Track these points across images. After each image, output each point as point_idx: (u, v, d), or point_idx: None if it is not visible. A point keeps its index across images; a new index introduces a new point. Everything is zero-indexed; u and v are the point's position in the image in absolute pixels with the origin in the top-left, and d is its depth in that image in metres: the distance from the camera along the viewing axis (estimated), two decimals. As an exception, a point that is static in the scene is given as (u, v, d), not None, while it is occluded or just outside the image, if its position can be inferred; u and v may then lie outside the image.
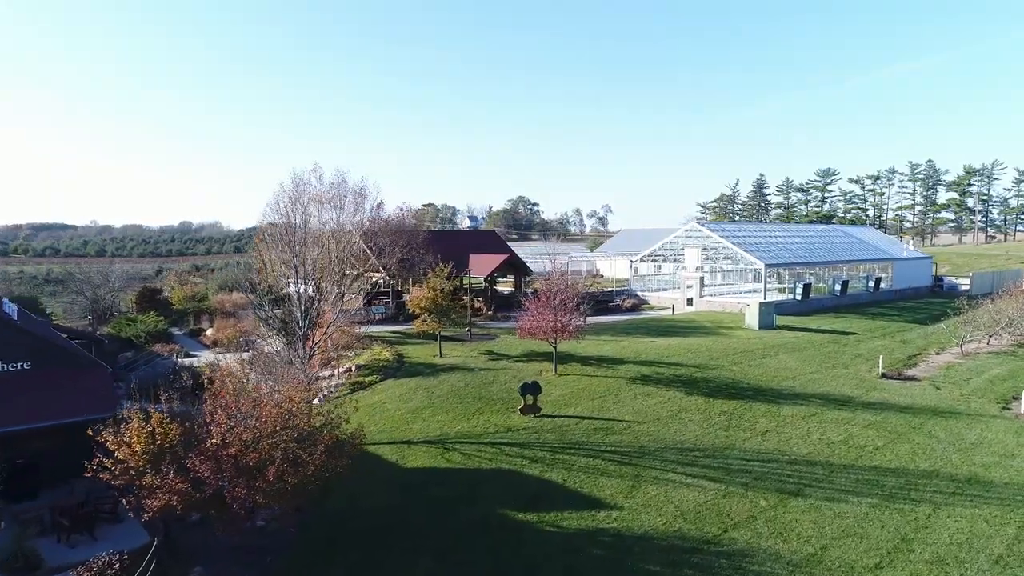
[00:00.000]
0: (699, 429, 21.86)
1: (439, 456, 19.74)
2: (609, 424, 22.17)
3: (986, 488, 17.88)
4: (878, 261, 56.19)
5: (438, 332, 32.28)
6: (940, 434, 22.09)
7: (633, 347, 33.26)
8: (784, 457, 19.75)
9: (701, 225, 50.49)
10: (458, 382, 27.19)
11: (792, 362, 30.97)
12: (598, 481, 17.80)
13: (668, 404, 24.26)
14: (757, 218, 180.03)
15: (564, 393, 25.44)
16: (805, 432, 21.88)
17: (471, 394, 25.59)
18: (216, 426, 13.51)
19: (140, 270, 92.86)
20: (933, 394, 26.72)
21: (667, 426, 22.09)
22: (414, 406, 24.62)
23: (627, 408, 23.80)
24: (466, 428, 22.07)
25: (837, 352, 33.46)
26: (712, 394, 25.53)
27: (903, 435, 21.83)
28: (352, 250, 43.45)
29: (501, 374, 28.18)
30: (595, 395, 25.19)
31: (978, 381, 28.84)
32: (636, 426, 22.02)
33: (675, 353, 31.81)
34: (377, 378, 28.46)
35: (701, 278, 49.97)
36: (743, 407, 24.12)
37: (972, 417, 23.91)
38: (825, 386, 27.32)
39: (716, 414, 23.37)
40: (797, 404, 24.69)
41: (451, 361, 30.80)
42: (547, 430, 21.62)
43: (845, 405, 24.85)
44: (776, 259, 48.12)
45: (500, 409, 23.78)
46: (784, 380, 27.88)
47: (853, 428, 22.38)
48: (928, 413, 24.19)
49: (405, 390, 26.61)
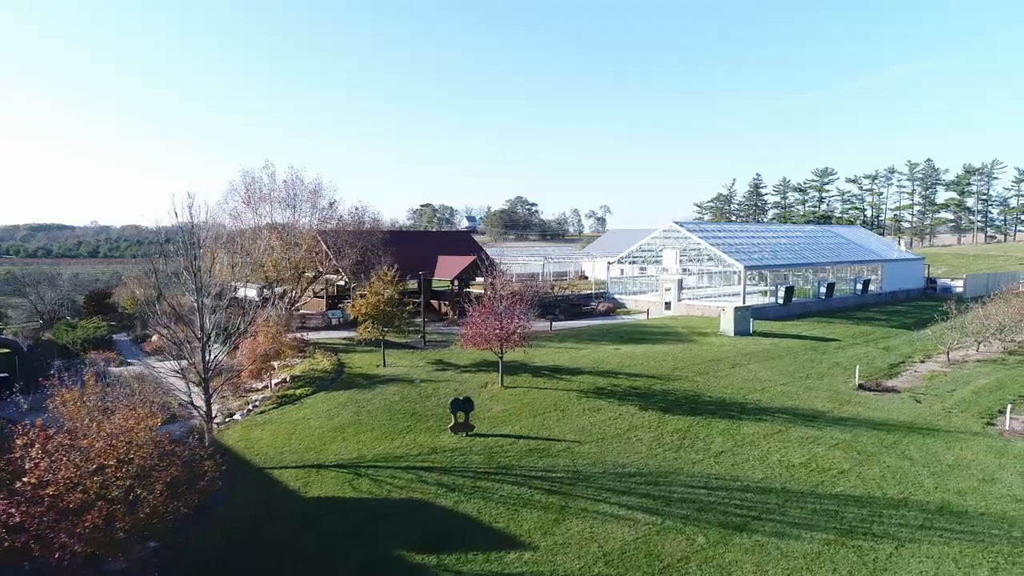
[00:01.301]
0: (646, 450, 19.98)
1: (347, 483, 17.81)
2: (547, 445, 20.27)
3: (959, 520, 16.02)
4: (867, 263, 54.46)
5: (382, 340, 30.34)
6: (914, 454, 20.24)
7: (594, 355, 31.39)
8: (735, 483, 17.86)
9: (679, 225, 48.68)
10: (394, 396, 25.28)
11: (763, 372, 29.12)
12: (518, 514, 15.89)
13: (618, 421, 22.38)
14: (754, 218, 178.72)
15: (506, 408, 23.55)
16: (764, 453, 20.01)
17: (404, 410, 23.68)
18: (31, 461, 11.58)
19: (103, 272, 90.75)
20: (912, 408, 24.90)
21: (611, 446, 20.20)
22: (339, 423, 22.69)
23: (571, 426, 21.91)
24: (387, 449, 20.16)
25: (814, 361, 31.64)
26: (669, 409, 23.66)
27: (873, 456, 19.97)
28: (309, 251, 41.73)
29: (443, 387, 26.28)
30: (539, 410, 23.30)
31: (962, 393, 27.02)
32: (577, 447, 20.12)
33: (638, 362, 29.94)
34: (308, 390, 26.53)
35: (680, 281, 48.15)
36: (700, 424, 22.25)
37: (952, 434, 22.08)
38: (795, 399, 25.47)
39: (669, 432, 21.49)
40: (761, 420, 22.83)
41: (394, 372, 28.89)
42: (476, 452, 19.72)
43: (814, 421, 23.00)
44: (757, 261, 46.32)
45: (431, 427, 21.88)
46: (751, 393, 26.03)
47: (818, 448, 20.52)
48: (904, 430, 22.36)
49: (334, 404, 24.69)
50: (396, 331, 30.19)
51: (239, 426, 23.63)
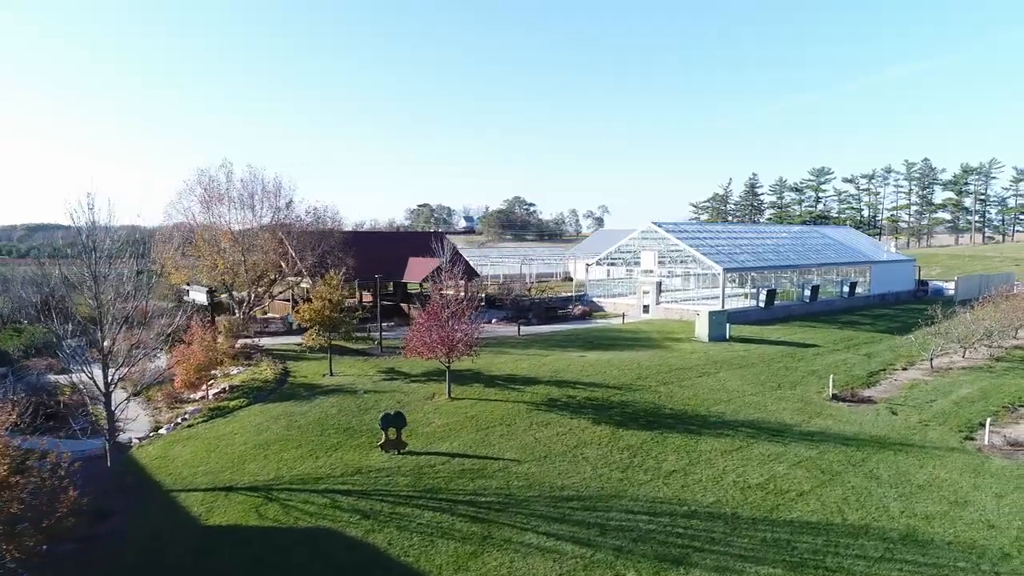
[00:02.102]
0: (591, 470, 18.56)
1: (254, 509, 16.36)
2: (483, 464, 18.84)
3: (923, 550, 14.65)
4: (854, 264, 53.17)
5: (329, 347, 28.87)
6: (883, 473, 18.87)
7: (556, 364, 29.97)
8: (682, 508, 16.46)
9: (657, 226, 47.29)
10: (331, 408, 23.84)
11: (733, 381, 27.74)
12: (433, 546, 14.46)
13: (566, 437, 20.97)
14: (750, 218, 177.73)
15: (447, 423, 22.13)
16: (719, 473, 18.61)
17: (338, 424, 22.24)
18: None
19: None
20: (887, 420, 23.54)
21: (553, 466, 18.79)
22: (266, 439, 21.24)
23: (515, 442, 20.49)
24: (308, 470, 18.71)
25: (789, 369, 30.27)
26: (624, 423, 22.25)
27: (837, 475, 18.60)
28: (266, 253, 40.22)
29: (386, 398, 24.84)
30: (483, 425, 21.88)
31: (942, 404, 25.68)
32: (515, 466, 18.70)
33: (601, 371, 28.53)
34: (244, 402, 25.08)
35: (658, 283, 46.77)
36: (655, 440, 20.85)
37: (926, 450, 20.72)
38: (762, 411, 24.10)
39: (619, 449, 20.08)
40: (721, 435, 21.43)
41: (339, 381, 27.44)
42: (404, 472, 18.28)
43: (778, 436, 21.61)
44: (738, 263, 44.95)
45: (362, 444, 20.44)
46: (715, 404, 24.64)
47: (779, 466, 19.14)
48: (875, 445, 20.99)
49: (266, 418, 23.23)
50: (344, 338, 28.75)
51: (162, 441, 22.18)
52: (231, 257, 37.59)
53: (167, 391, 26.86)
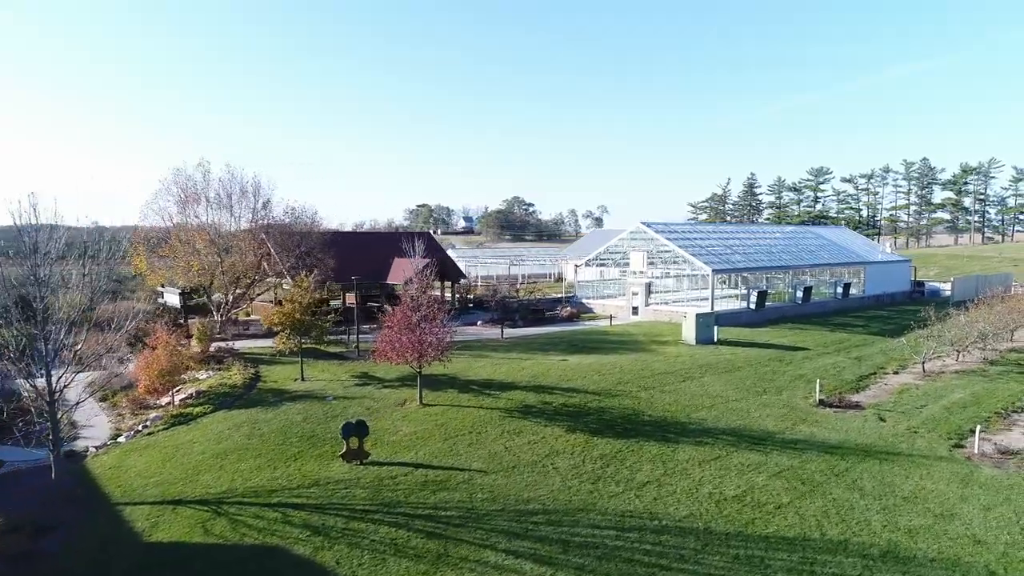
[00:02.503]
0: (560, 481, 17.82)
1: (200, 524, 15.60)
2: (447, 475, 18.09)
3: (904, 568, 13.92)
4: (848, 265, 52.47)
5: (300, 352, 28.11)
6: (867, 484, 18.15)
7: (536, 368, 29.22)
8: (652, 523, 15.72)
9: (647, 226, 46.58)
10: (297, 416, 23.08)
11: (717, 386, 27.01)
12: (383, 564, 13.71)
13: (537, 445, 20.23)
14: (748, 218, 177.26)
15: (415, 431, 21.37)
16: (695, 484, 17.88)
17: (302, 432, 21.48)
18: None
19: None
20: (874, 427, 22.82)
21: (521, 477, 18.04)
22: (225, 448, 20.48)
23: (483, 451, 19.74)
24: (264, 481, 17.95)
25: (776, 372, 29.55)
26: (600, 430, 21.52)
27: (819, 487, 17.87)
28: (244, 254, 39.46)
29: (355, 405, 24.09)
30: (452, 434, 21.13)
31: (932, 409, 24.97)
32: (480, 478, 17.96)
33: (581, 375, 27.79)
34: (208, 408, 24.31)
35: (647, 284, 46.05)
36: (630, 448, 20.11)
37: (913, 459, 20.01)
38: (745, 418, 23.37)
39: (592, 458, 19.35)
40: (701, 443, 20.70)
41: (310, 387, 26.69)
42: (363, 484, 17.53)
43: (760, 444, 20.89)
44: (727, 263, 44.24)
45: (324, 454, 19.68)
46: (697, 410, 23.92)
47: (759, 477, 18.41)
48: (860, 454, 20.27)
49: (229, 426, 22.47)
50: (316, 341, 28.00)
51: (119, 450, 21.40)
52: (206, 258, 36.81)
53: (132, 397, 26.12)
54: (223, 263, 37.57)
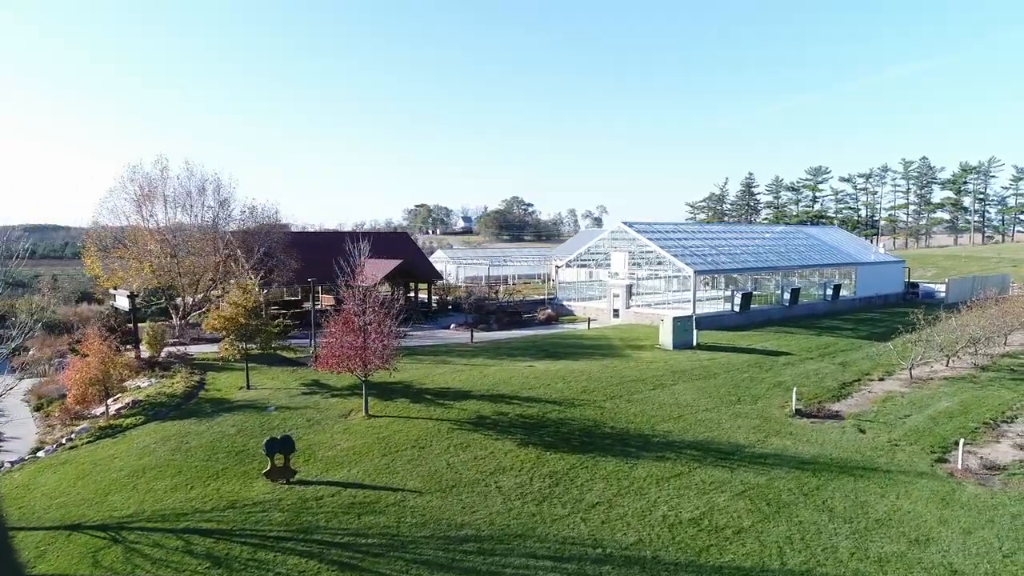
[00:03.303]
0: (502, 503, 16.43)
1: (93, 554, 14.18)
2: (377, 496, 16.69)
3: (870, 605, 12.57)
4: (838, 266, 51.13)
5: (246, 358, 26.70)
6: (838, 504, 16.80)
7: (500, 375, 27.82)
8: (596, 551, 14.34)
9: (628, 226, 45.19)
10: (231, 428, 21.66)
11: (688, 395, 25.64)
12: (283, 603, 12.32)
13: (483, 461, 18.83)
14: (746, 218, 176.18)
15: (354, 445, 19.97)
16: (650, 505, 16.50)
17: (231, 447, 20.07)
18: None
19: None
20: (852, 440, 21.47)
21: (459, 498, 16.65)
22: (145, 464, 19.07)
23: (423, 469, 18.34)
24: (176, 503, 16.53)
25: (754, 379, 28.18)
26: (555, 444, 20.13)
27: (785, 508, 16.50)
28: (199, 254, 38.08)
29: (297, 416, 22.67)
30: (394, 448, 19.73)
31: (917, 419, 23.64)
32: (414, 499, 16.56)
33: (545, 383, 26.40)
34: (140, 419, 22.92)
35: (629, 286, 44.67)
36: (584, 464, 18.73)
37: (891, 476, 18.66)
38: (714, 430, 22.00)
39: (541, 476, 17.96)
40: (662, 458, 19.32)
41: (254, 396, 25.26)
42: (283, 507, 16.12)
43: (727, 459, 19.52)
44: (711, 265, 42.86)
45: (250, 471, 18.27)
46: (663, 421, 22.54)
47: (720, 497, 17.03)
48: (834, 470, 18.92)
49: (157, 439, 21.05)
50: (262, 348, 26.59)
51: (35, 466, 19.99)
52: (159, 260, 35.38)
53: (64, 406, 24.72)
54: (180, 264, 36.16)
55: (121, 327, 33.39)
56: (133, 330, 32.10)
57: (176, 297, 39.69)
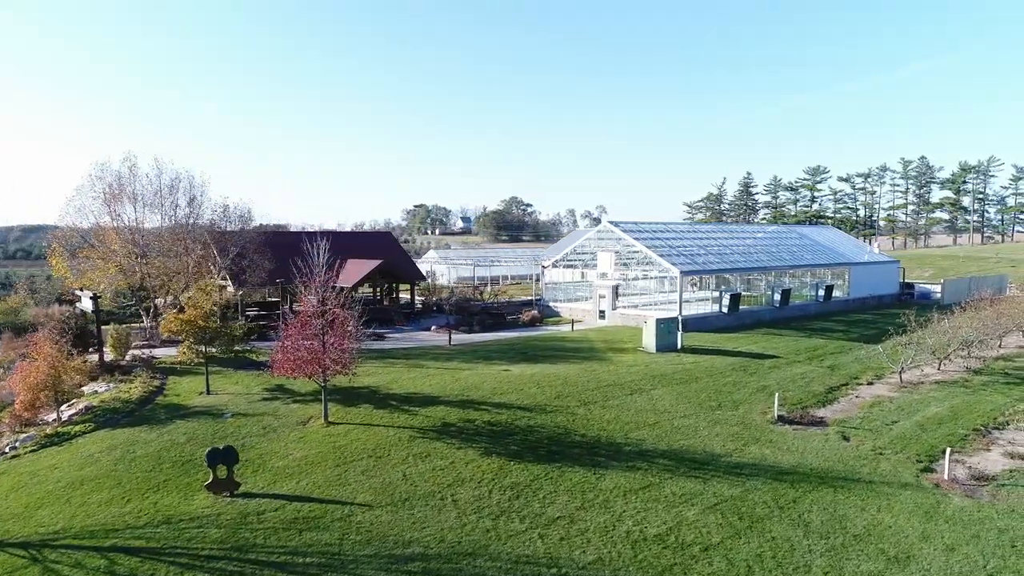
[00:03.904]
0: (455, 518, 15.51)
1: (9, 575, 13.27)
2: (323, 511, 15.78)
3: (841, 631, 11.69)
4: (831, 266, 50.26)
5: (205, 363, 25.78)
6: (815, 518, 15.93)
7: (471, 379, 26.91)
8: (551, 571, 13.43)
9: (614, 225, 44.33)
10: (182, 436, 20.74)
11: (666, 400, 24.75)
12: (202, 631, 11.41)
13: (442, 472, 17.92)
14: (745, 218, 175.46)
15: (307, 455, 19.05)
16: (614, 519, 15.60)
17: (178, 457, 19.14)
18: None
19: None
20: (835, 448, 20.60)
21: (411, 512, 15.74)
22: (85, 475, 18.14)
23: (377, 481, 17.43)
24: (109, 518, 15.60)
25: (737, 384, 27.30)
26: (520, 454, 19.23)
27: (758, 523, 15.62)
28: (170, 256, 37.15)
29: (253, 423, 21.75)
30: (350, 458, 18.82)
31: (904, 426, 22.78)
32: (362, 513, 15.65)
33: (518, 388, 25.49)
34: (89, 427, 21.99)
35: (615, 287, 43.78)
36: (549, 475, 17.83)
37: (873, 487, 17.80)
38: (690, 438, 21.11)
39: (502, 488, 17.06)
40: (632, 469, 18.43)
41: (213, 401, 24.33)
42: (222, 522, 15.19)
43: (701, 469, 18.63)
44: (698, 265, 41.98)
45: (193, 483, 17.35)
46: (637, 429, 21.65)
47: (691, 511, 16.14)
48: (813, 481, 18.05)
49: (103, 447, 20.13)
50: (222, 351, 25.67)
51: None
52: (124, 260, 34.44)
53: (14, 413, 23.78)
54: (148, 264, 35.24)
55: (83, 329, 32.46)
56: (97, 332, 31.14)
57: (148, 299, 38.75)
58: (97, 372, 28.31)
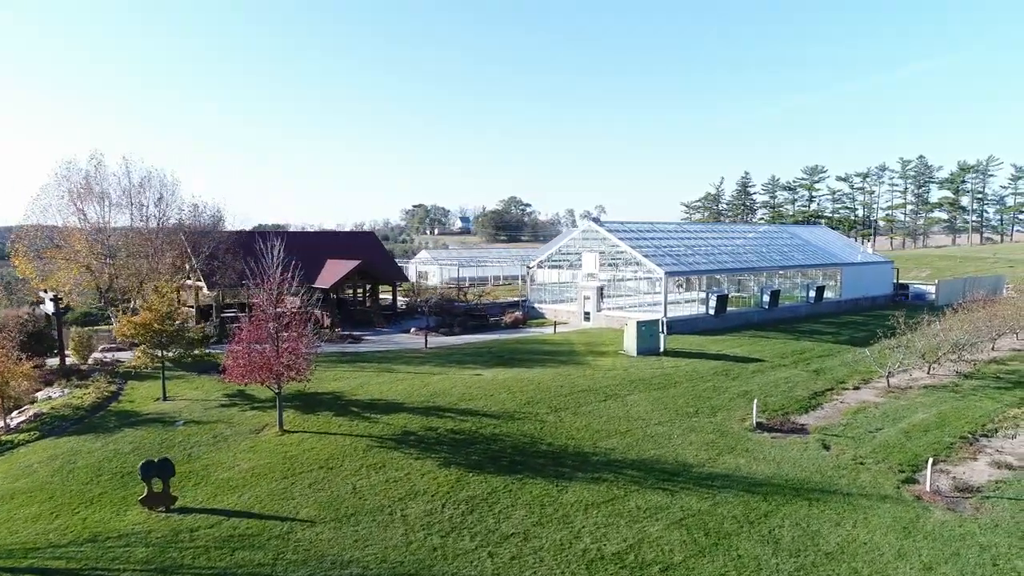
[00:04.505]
0: (402, 535, 14.66)
1: (-90, 600, 12.44)
2: (262, 527, 14.91)
3: (803, 662, 10.85)
4: (822, 266, 49.46)
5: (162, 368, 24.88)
6: (786, 534, 15.10)
7: (441, 384, 26.05)
8: (495, 594, 12.60)
9: (599, 225, 43.52)
10: (126, 446, 19.86)
11: (641, 406, 23.90)
12: (105, 665, 10.56)
13: (395, 485, 17.07)
14: (743, 218, 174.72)
15: (255, 466, 18.19)
16: (572, 536, 14.76)
17: (119, 469, 18.26)
18: None
19: None
20: (814, 457, 19.77)
21: (355, 529, 14.88)
22: (18, 488, 17.28)
23: (324, 494, 16.57)
24: (33, 535, 14.74)
25: (718, 389, 26.46)
26: (481, 464, 18.38)
27: (725, 539, 14.79)
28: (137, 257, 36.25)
29: (204, 432, 20.88)
30: (298, 470, 17.96)
31: (888, 433, 21.95)
32: (303, 530, 14.79)
33: (488, 393, 24.64)
34: (34, 435, 21.12)
35: (600, 288, 42.94)
36: (509, 487, 16.99)
37: (851, 499, 16.98)
38: (662, 447, 20.27)
39: (457, 502, 16.21)
40: (598, 480, 17.59)
41: (167, 408, 23.45)
42: (151, 541, 14.32)
43: (670, 480, 17.80)
44: (684, 266, 41.16)
45: (128, 497, 16.47)
46: (608, 437, 20.80)
47: (655, 526, 15.30)
48: (788, 493, 17.22)
49: (44, 457, 19.26)
50: (182, 356, 24.79)
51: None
52: (91, 261, 33.55)
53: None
54: (115, 264, 34.36)
55: (42, 332, 31.59)
56: (58, 335, 30.26)
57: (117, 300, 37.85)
58: (54, 377, 27.44)
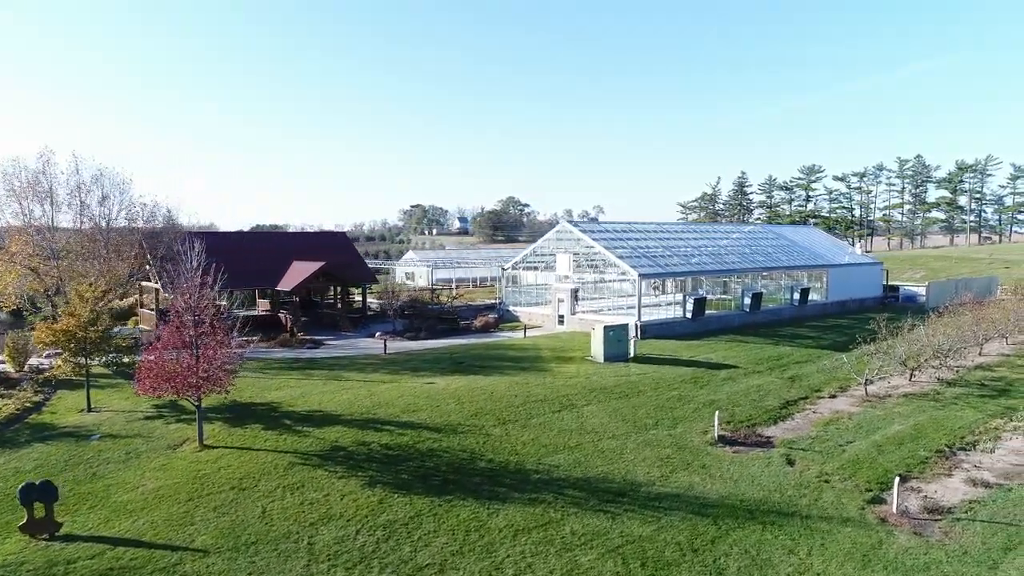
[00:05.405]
0: (303, 567, 13.33)
1: None
2: (149, 558, 13.58)
3: None
4: (808, 268, 48.22)
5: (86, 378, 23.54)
6: (732, 565, 13.81)
7: (389, 393, 24.73)
8: (392, 638, 11.29)
9: (572, 226, 42.30)
10: (29, 464, 18.50)
11: (598, 418, 22.61)
12: None
13: (311, 508, 15.74)
14: (739, 218, 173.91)
15: (160, 486, 16.86)
16: (493, 568, 13.46)
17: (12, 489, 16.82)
18: None
19: None
20: (776, 474, 18.49)
21: (253, 560, 13.55)
22: (-103, 513, 15.93)
23: (228, 519, 15.24)
24: None
25: (683, 398, 25.18)
26: (410, 483, 17.08)
27: (663, 569, 13.52)
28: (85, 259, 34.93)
29: (119, 446, 19.55)
30: (207, 491, 16.62)
31: (859, 447, 20.69)
32: (193, 562, 13.46)
33: (434, 404, 23.33)
34: (-67, 455, 19.72)
35: (574, 291, 41.68)
36: (435, 510, 15.67)
37: (809, 523, 15.70)
38: (612, 462, 18.98)
39: (374, 527, 14.90)
40: (534, 502, 16.28)
41: (90, 420, 22.10)
42: (22, 573, 12.99)
43: (614, 502, 16.51)
44: (660, 268, 39.90)
45: (12, 523, 15.11)
46: (555, 452, 19.50)
47: (587, 556, 14.00)
48: (741, 516, 15.93)
49: (-63, 478, 17.91)
50: (107, 364, 23.46)
51: None
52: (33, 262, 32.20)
53: None
54: (59, 268, 33.01)
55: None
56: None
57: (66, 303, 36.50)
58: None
